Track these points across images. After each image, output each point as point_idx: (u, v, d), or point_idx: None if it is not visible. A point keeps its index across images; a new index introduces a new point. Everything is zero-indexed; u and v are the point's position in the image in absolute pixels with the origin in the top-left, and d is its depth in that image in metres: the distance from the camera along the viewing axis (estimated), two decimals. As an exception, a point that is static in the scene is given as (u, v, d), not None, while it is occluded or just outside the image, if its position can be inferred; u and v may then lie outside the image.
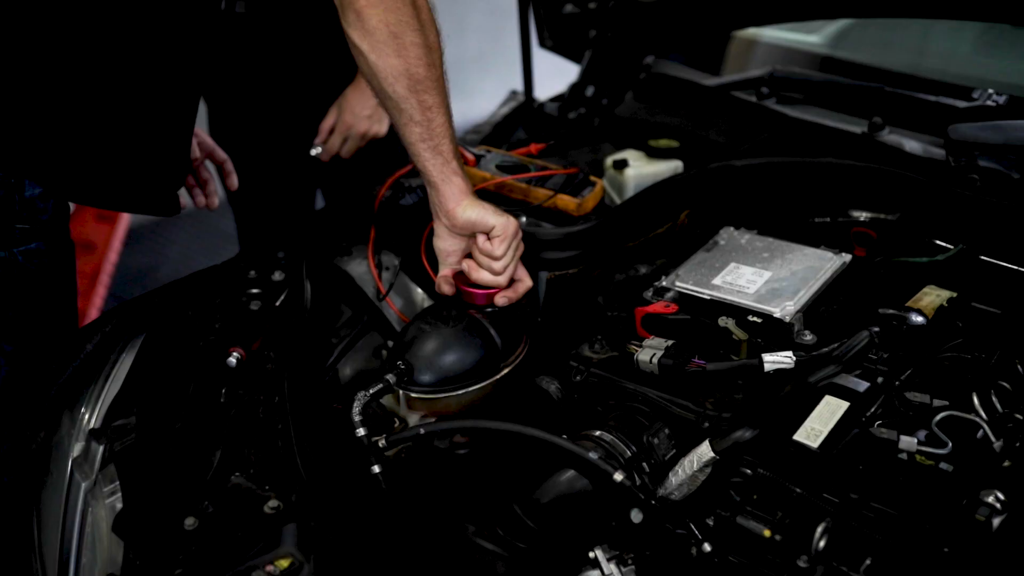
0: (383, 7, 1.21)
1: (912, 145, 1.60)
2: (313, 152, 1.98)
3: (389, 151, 1.86)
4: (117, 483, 1.19)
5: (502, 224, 1.31)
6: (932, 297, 1.37)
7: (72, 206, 3.36)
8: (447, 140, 1.31)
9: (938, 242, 1.45)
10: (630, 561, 1.11)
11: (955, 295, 1.37)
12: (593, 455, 1.12)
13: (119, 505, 1.16)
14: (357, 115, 1.94)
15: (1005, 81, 1.77)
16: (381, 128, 1.96)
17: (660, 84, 1.93)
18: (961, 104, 1.63)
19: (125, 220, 3.44)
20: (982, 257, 1.42)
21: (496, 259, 1.32)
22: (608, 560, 1.11)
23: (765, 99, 1.78)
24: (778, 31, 2.12)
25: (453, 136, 1.33)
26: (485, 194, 1.54)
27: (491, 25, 3.42)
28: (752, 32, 2.11)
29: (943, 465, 1.09)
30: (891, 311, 1.32)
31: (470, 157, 1.60)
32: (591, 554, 1.11)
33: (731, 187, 1.56)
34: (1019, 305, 1.35)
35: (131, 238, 3.48)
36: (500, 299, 1.36)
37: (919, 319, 1.31)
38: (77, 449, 1.23)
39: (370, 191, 1.61)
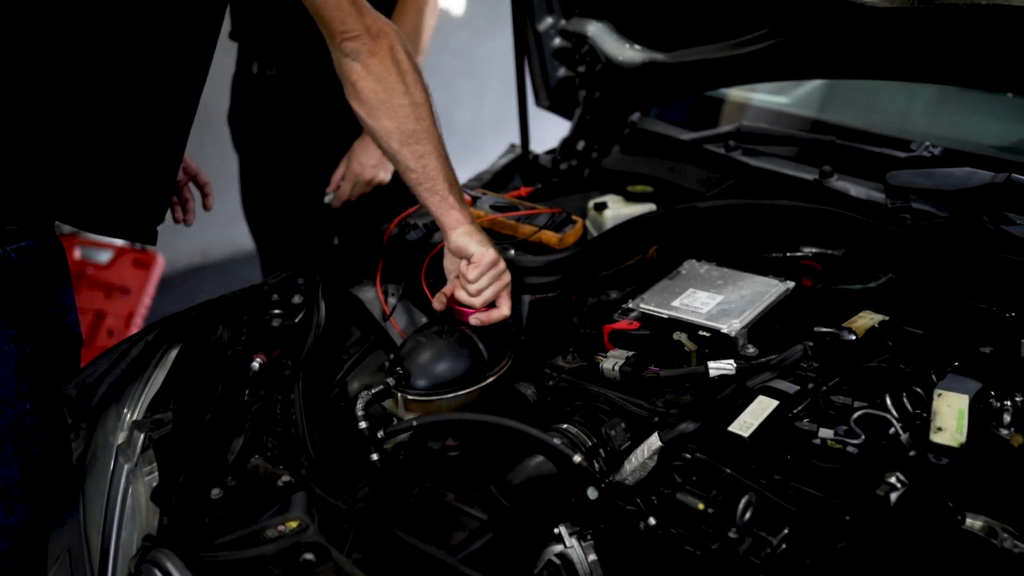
0: (372, 79, 1.46)
1: (857, 190, 1.81)
2: (326, 199, 2.25)
3: (395, 195, 2.10)
4: (155, 464, 1.40)
5: (479, 253, 1.54)
6: (866, 319, 1.57)
7: (113, 253, 3.60)
8: (441, 180, 1.54)
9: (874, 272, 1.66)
10: (589, 536, 1.30)
11: (887, 318, 1.57)
12: (556, 441, 1.32)
13: (156, 482, 1.37)
14: (364, 164, 2.20)
15: (943, 135, 1.99)
16: (385, 176, 2.24)
17: (643, 138, 2.16)
18: (901, 155, 1.84)
19: (159, 268, 3.72)
20: (911, 286, 1.63)
21: (470, 282, 1.54)
22: (570, 535, 1.29)
23: (732, 151, 2.00)
24: (755, 93, 2.36)
25: (448, 174, 1.56)
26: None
27: (507, 92, 3.70)
28: (741, 96, 2.34)
29: (850, 448, 1.28)
30: (826, 329, 1.52)
31: (468, 198, 1.83)
32: (556, 530, 1.29)
33: (695, 226, 1.77)
34: (938, 325, 1.55)
35: (163, 285, 3.76)
36: (472, 320, 1.57)
37: (849, 336, 1.51)
38: (121, 438, 1.44)
39: (379, 229, 1.84)
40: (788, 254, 1.74)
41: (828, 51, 1.80)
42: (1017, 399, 1.35)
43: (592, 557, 1.28)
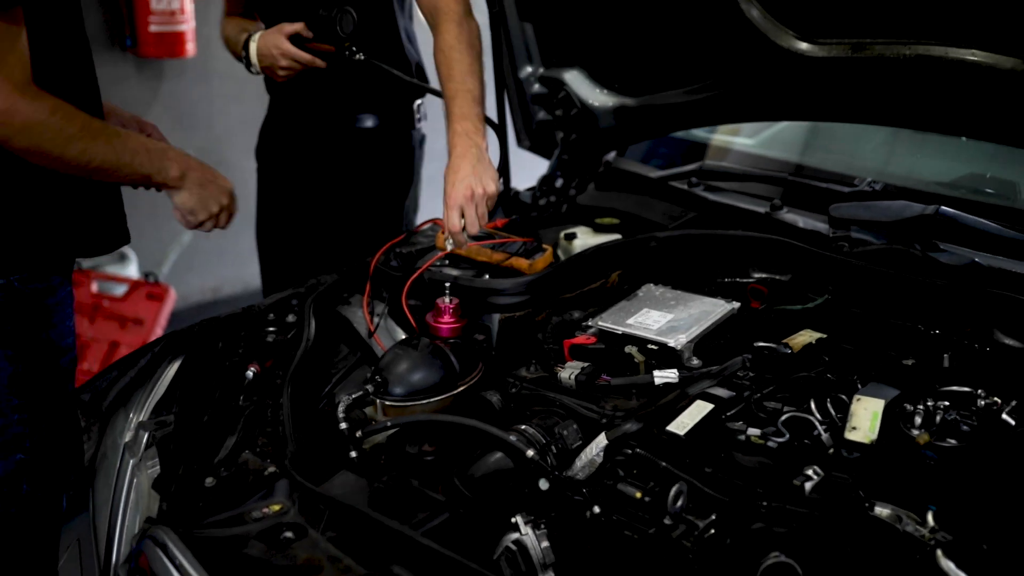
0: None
1: (804, 221, 1.98)
2: (448, 247, 1.86)
3: (385, 226, 2.28)
4: (157, 459, 1.57)
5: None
6: (805, 337, 1.73)
7: (127, 287, 3.79)
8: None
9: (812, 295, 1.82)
10: (543, 525, 1.45)
11: (824, 336, 1.73)
12: (512, 438, 1.48)
13: (157, 473, 1.54)
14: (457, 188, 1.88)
15: (891, 172, 2.17)
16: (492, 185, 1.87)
17: (615, 176, 2.34)
18: (845, 189, 2.01)
19: (171, 301, 3.93)
20: (847, 306, 1.79)
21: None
22: (525, 524, 1.44)
23: (694, 187, 2.17)
24: (725, 136, 2.55)
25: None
26: (457, 257, 1.96)
27: (492, 134, 3.92)
28: (720, 139, 2.53)
29: (771, 444, 1.43)
30: (765, 344, 1.68)
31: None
32: (513, 519, 1.45)
33: (653, 253, 1.94)
34: (869, 341, 1.71)
35: (175, 318, 3.97)
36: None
37: (785, 350, 1.67)
38: (128, 436, 1.61)
39: (367, 258, 2.01)
40: (739, 279, 1.91)
41: (773, 96, 1.98)
42: (929, 404, 1.50)
43: (545, 544, 1.42)
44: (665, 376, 1.60)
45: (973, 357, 1.65)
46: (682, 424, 1.48)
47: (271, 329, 1.84)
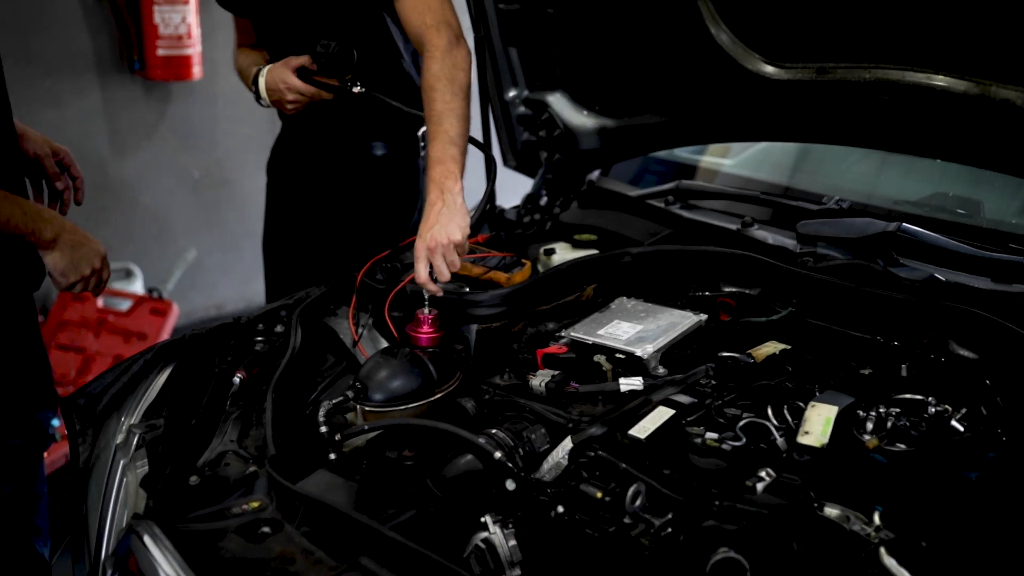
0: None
1: (773, 238, 2.05)
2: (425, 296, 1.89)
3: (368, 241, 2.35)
4: (146, 460, 1.65)
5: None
6: (770, 348, 1.81)
7: (132, 302, 3.91)
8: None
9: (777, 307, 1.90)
10: (511, 525, 1.52)
11: (788, 347, 1.81)
12: (481, 440, 1.55)
13: (145, 472, 1.62)
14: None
15: (860, 190, 2.25)
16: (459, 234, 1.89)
17: (597, 195, 2.42)
18: (814, 207, 2.09)
19: (174, 316, 4.03)
20: (811, 319, 1.87)
21: None
22: (494, 523, 1.52)
23: (671, 205, 2.25)
24: (710, 157, 2.63)
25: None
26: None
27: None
28: (711, 162, 2.61)
29: (725, 447, 1.50)
30: (729, 354, 1.76)
31: (430, 244, 2.09)
32: (482, 519, 1.52)
33: (627, 268, 2.02)
34: (831, 352, 1.78)
35: (177, 332, 4.06)
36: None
37: (748, 360, 1.75)
38: (120, 438, 1.69)
39: (354, 272, 2.09)
40: (708, 293, 1.98)
41: (743, 118, 2.07)
42: (881, 411, 1.57)
43: (512, 542, 1.49)
44: (630, 383, 1.68)
45: (930, 367, 1.72)
46: (643, 428, 1.56)
47: (259, 339, 1.92)
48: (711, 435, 1.54)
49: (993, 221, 2.03)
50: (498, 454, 1.53)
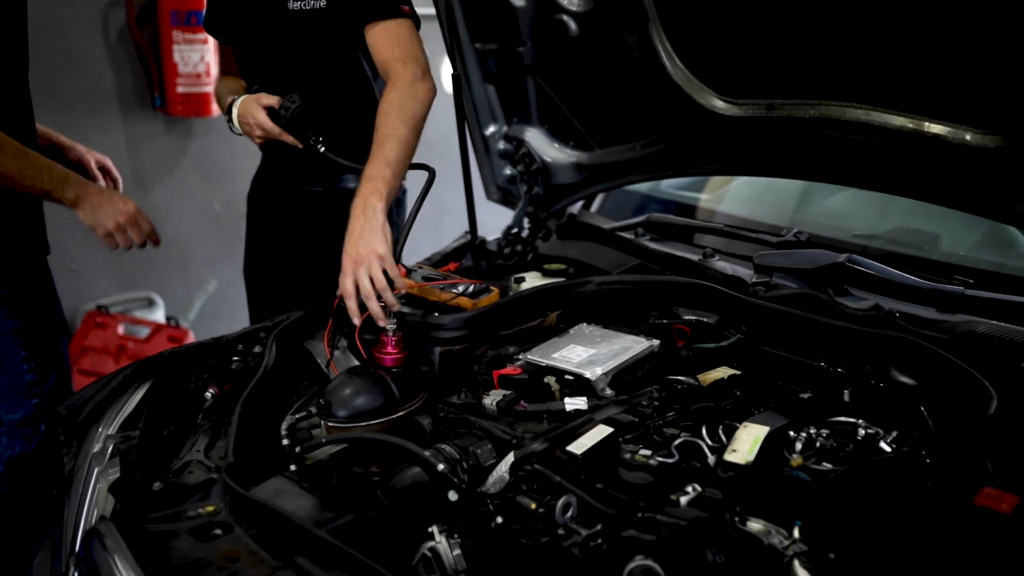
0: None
1: (732, 268, 2.13)
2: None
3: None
4: (119, 467, 1.76)
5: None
6: (720, 372, 1.88)
7: (150, 329, 4.08)
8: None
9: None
10: (456, 535, 1.60)
11: (738, 372, 1.88)
12: (427, 453, 1.64)
13: (115, 478, 1.73)
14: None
15: (828, 224, 2.32)
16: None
17: (574, 227, 2.52)
18: (773, 239, 2.16)
19: (190, 340, 4.18)
20: (761, 345, 1.94)
21: None
22: (440, 533, 1.60)
23: (640, 237, 2.34)
24: (692, 193, 2.73)
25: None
26: (411, 297, 2.14)
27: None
28: (709, 202, 2.71)
29: (652, 463, 1.57)
30: (675, 378, 1.83)
31: (403, 270, 2.19)
32: (429, 529, 1.60)
33: (590, 296, 2.11)
34: (777, 377, 1.85)
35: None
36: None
37: (693, 383, 1.82)
38: (97, 447, 1.81)
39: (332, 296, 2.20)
40: (667, 320, 2.06)
41: (701, 152, 2.16)
42: (812, 432, 1.64)
43: (457, 552, 1.57)
44: (575, 403, 1.76)
45: (870, 393, 1.78)
46: (581, 445, 1.63)
47: (236, 358, 2.03)
48: (644, 451, 1.62)
49: (946, 254, 2.09)
50: (441, 466, 1.62)
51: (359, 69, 2.48)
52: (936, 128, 1.81)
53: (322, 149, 2.32)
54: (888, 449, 1.62)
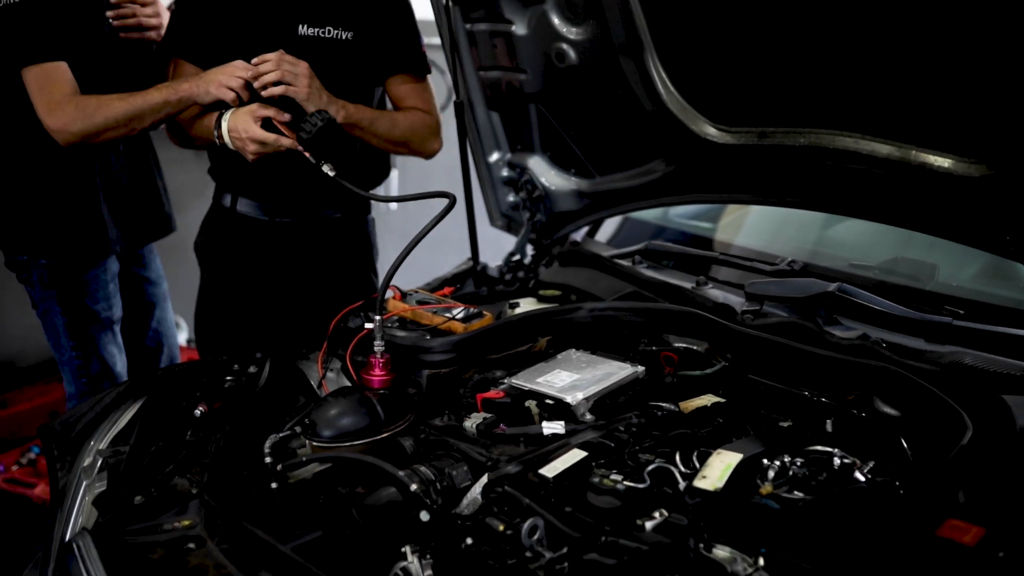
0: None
1: (724, 296, 2.13)
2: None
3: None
4: (106, 481, 1.80)
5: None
6: (703, 400, 1.88)
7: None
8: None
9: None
10: (428, 555, 1.61)
11: (722, 400, 1.87)
12: (401, 474, 1.66)
13: (100, 491, 1.77)
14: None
15: (830, 254, 2.31)
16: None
17: (575, 255, 2.53)
18: (767, 267, 2.16)
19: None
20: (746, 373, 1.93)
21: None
22: (412, 553, 1.61)
23: (638, 265, 2.35)
24: (705, 223, 2.74)
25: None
26: (403, 320, 2.17)
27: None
28: (726, 237, 2.71)
29: (619, 487, 1.57)
30: (656, 404, 1.83)
31: (398, 293, 2.23)
32: (403, 549, 1.62)
33: (581, 322, 2.12)
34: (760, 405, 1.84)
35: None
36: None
37: (674, 410, 1.82)
38: (87, 461, 1.85)
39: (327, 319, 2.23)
40: (656, 347, 2.06)
41: (696, 179, 2.17)
42: (785, 460, 1.63)
43: (428, 572, 1.58)
44: (552, 427, 1.77)
45: (852, 423, 1.77)
46: (553, 468, 1.64)
47: (229, 377, 2.07)
48: (615, 476, 1.62)
49: (942, 285, 2.07)
50: (414, 487, 1.64)
51: (367, 103, 2.53)
52: (923, 157, 1.81)
53: (332, 173, 2.26)
54: (862, 479, 1.60)
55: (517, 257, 2.58)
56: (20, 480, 3.44)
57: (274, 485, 1.76)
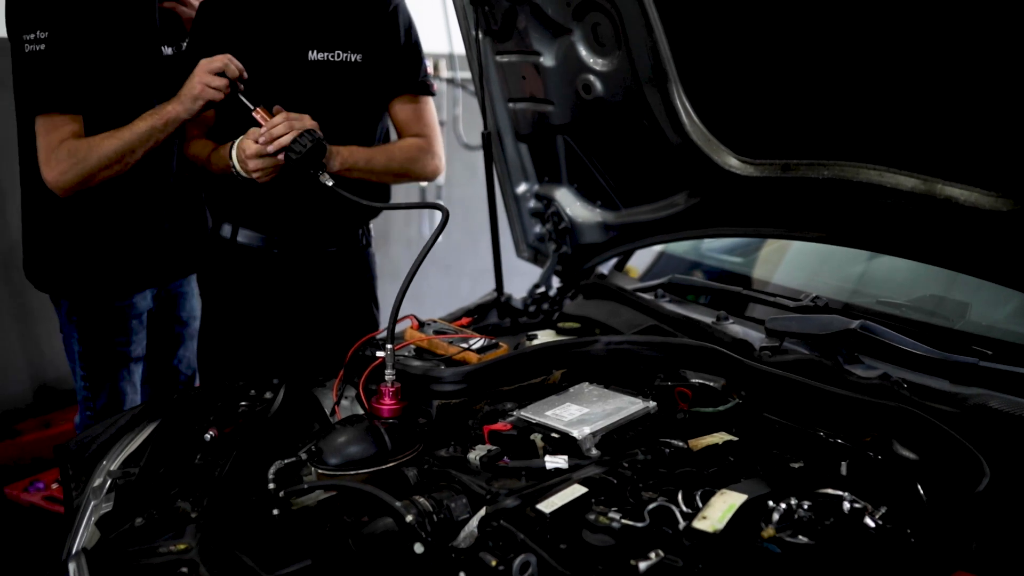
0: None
1: (744, 332, 2.08)
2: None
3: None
4: (113, 502, 1.82)
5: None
6: (715, 438, 1.83)
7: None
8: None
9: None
10: (422, 588, 1.59)
11: (734, 438, 1.82)
12: (398, 504, 1.64)
13: (105, 512, 1.79)
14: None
15: (860, 291, 2.24)
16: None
17: (599, 287, 2.50)
18: (791, 303, 2.10)
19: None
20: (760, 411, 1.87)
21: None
22: (406, 585, 1.59)
23: (660, 298, 2.31)
24: (736, 258, 2.69)
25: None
26: (421, 350, 2.16)
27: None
28: (763, 274, 2.66)
29: (615, 525, 1.53)
30: (664, 440, 1.79)
31: (415, 323, 2.22)
32: (396, 582, 1.60)
33: (596, 355, 2.08)
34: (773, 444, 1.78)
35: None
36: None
37: (682, 447, 1.77)
38: (97, 482, 1.87)
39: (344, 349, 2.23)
40: (671, 383, 2.01)
41: (720, 211, 2.12)
42: (792, 503, 1.56)
43: (421, 604, 1.57)
44: (555, 461, 1.73)
45: (868, 465, 1.70)
46: (551, 503, 1.60)
47: (243, 403, 2.08)
48: (612, 514, 1.57)
49: (972, 324, 1.99)
50: (409, 517, 1.61)
51: (373, 124, 2.56)
52: (949, 190, 1.75)
53: (330, 183, 2.29)
54: (872, 525, 1.53)
55: (542, 289, 2.55)
56: (58, 498, 3.50)
57: (276, 511, 1.76)
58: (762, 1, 1.86)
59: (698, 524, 1.52)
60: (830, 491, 1.60)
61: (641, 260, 2.88)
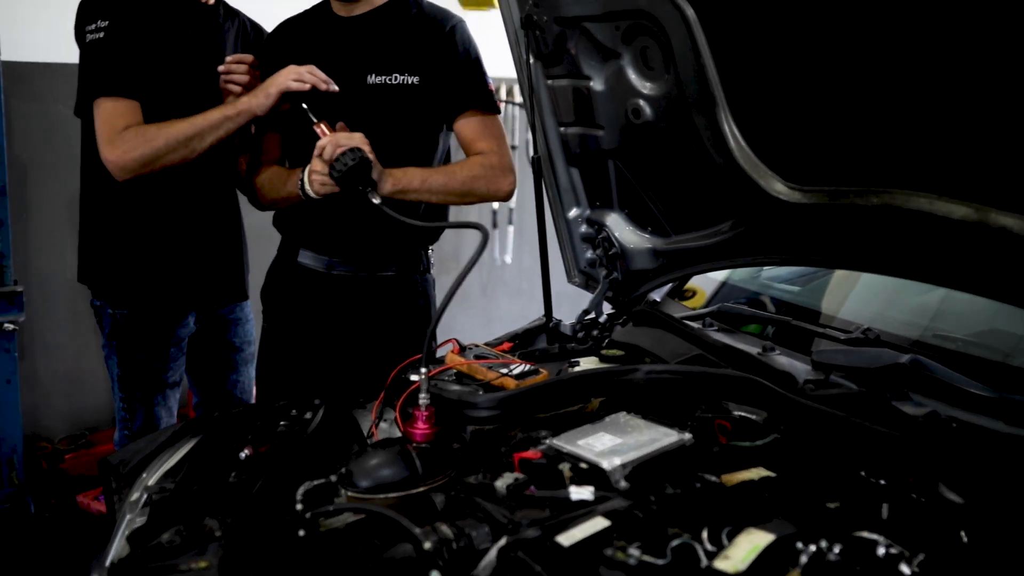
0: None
1: (789, 363, 2.00)
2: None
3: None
4: (147, 516, 1.85)
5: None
6: (751, 473, 1.76)
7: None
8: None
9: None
10: (437, 616, 1.57)
11: (771, 475, 1.75)
12: (417, 530, 1.62)
13: (138, 526, 1.82)
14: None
15: (916, 323, 2.14)
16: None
17: (647, 315, 2.45)
18: (841, 335, 2.02)
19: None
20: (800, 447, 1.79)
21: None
22: (421, 612, 1.57)
23: (708, 327, 2.25)
24: (792, 287, 2.61)
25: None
26: (461, 374, 2.14)
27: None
28: (830, 307, 2.58)
29: (631, 561, 1.48)
30: (700, 475, 1.73)
31: (456, 347, 2.21)
32: (411, 608, 1.58)
33: (635, 385, 2.03)
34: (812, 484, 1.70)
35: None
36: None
37: (713, 480, 1.71)
38: (134, 496, 1.91)
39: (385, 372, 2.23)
40: (711, 414, 1.95)
41: (768, 239, 2.06)
42: (822, 545, 1.49)
43: (435, 634, 1.55)
44: (580, 493, 1.69)
45: (910, 508, 1.61)
46: (571, 536, 1.56)
47: (283, 422, 2.10)
48: (633, 550, 1.52)
49: (1035, 362, 1.88)
50: (427, 544, 1.59)
51: (432, 146, 2.57)
52: (1003, 219, 1.65)
53: (377, 201, 2.35)
54: (907, 573, 1.44)
55: (591, 315, 2.51)
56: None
57: (301, 533, 1.76)
58: (811, 25, 1.81)
59: (719, 564, 1.47)
60: (865, 534, 1.53)
61: (708, 286, 2.82)
